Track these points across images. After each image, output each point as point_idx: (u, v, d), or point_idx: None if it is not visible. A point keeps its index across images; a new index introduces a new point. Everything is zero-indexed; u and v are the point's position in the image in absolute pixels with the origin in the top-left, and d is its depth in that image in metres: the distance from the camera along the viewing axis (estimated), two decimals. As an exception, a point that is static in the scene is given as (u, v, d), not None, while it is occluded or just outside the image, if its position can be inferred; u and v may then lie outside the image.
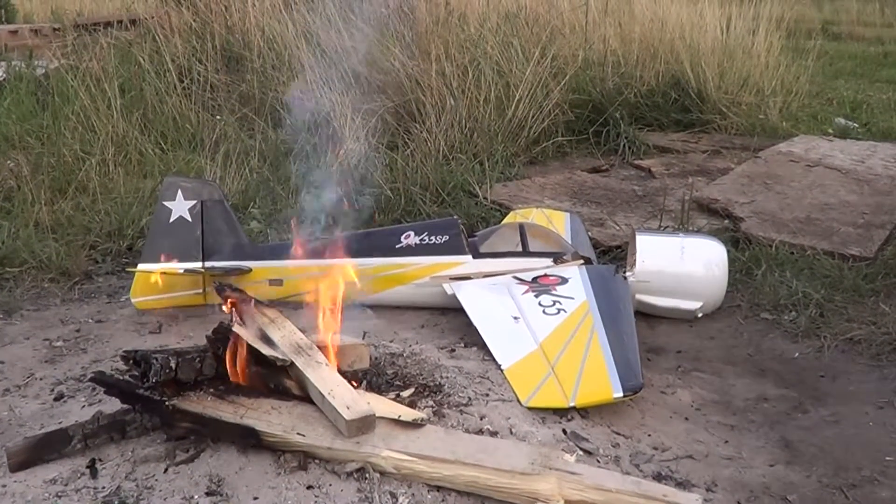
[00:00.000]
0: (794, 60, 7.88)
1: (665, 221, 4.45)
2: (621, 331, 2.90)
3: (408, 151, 5.11)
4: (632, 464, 2.41)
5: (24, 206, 4.25)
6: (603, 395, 2.62)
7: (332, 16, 6.28)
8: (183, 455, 2.27)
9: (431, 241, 3.45)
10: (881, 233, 4.24)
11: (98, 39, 6.43)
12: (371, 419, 2.25)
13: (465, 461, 2.17)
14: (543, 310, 3.07)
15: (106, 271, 3.91)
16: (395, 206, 4.56)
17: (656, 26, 7.56)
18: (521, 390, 2.67)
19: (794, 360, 3.18)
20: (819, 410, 2.82)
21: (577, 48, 7.03)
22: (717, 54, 7.25)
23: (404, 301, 3.46)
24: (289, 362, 2.43)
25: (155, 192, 4.21)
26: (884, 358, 3.15)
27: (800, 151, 5.96)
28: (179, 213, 3.34)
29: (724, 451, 2.54)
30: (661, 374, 3.04)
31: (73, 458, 2.28)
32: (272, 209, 4.46)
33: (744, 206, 4.65)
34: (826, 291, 3.58)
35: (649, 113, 6.94)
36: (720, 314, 3.54)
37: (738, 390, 2.95)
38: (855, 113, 7.75)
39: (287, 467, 2.20)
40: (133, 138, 5.13)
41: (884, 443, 2.62)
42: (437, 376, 2.73)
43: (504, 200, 4.75)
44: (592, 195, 5.10)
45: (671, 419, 2.71)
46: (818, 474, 2.44)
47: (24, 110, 5.41)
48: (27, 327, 3.33)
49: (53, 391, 2.74)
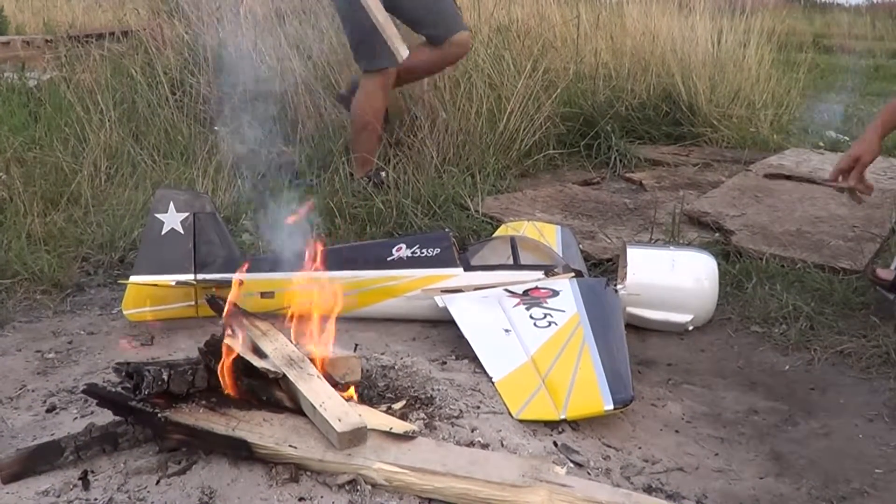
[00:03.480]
0: (786, 73, 7.91)
1: (656, 234, 4.47)
2: (612, 343, 2.91)
3: (399, 164, 5.11)
4: (622, 476, 2.42)
5: (16, 218, 4.24)
6: (594, 407, 2.62)
7: (324, 29, 6.30)
8: (175, 467, 2.26)
9: (423, 254, 3.46)
10: (871, 246, 4.25)
11: (90, 51, 6.45)
12: (363, 431, 2.25)
13: (456, 473, 2.17)
14: (534, 322, 3.07)
15: (98, 283, 3.90)
16: (387, 219, 4.57)
17: (648, 39, 7.58)
18: (512, 403, 2.67)
19: (785, 373, 3.19)
20: (809, 423, 2.83)
21: (569, 61, 7.05)
22: (708, 67, 7.27)
23: (396, 313, 3.46)
24: (281, 374, 2.43)
25: (147, 205, 4.21)
26: (874, 371, 3.16)
27: (790, 164, 5.99)
28: (171, 226, 3.34)
29: (715, 464, 2.55)
30: (652, 386, 3.05)
31: (66, 469, 2.27)
32: (264, 222, 4.47)
33: (734, 220, 4.67)
34: (816, 304, 3.59)
35: (640, 126, 6.95)
36: (711, 327, 3.55)
37: (728, 403, 2.96)
38: (846, 126, 7.77)
39: (279, 479, 2.20)
40: (126, 150, 5.14)
41: (874, 455, 2.63)
42: (428, 389, 2.73)
43: (495, 213, 4.76)
44: (583, 208, 5.11)
45: (662, 431, 2.72)
46: (808, 486, 2.45)
47: (17, 122, 5.41)
48: (19, 339, 3.33)
49: (45, 403, 2.74)
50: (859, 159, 3.35)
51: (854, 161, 3.36)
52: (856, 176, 3.38)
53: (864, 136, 3.43)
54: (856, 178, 3.38)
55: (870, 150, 3.35)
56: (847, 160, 3.39)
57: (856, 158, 3.36)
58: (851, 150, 3.40)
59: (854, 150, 3.38)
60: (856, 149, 3.38)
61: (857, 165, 3.37)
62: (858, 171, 3.37)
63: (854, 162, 3.36)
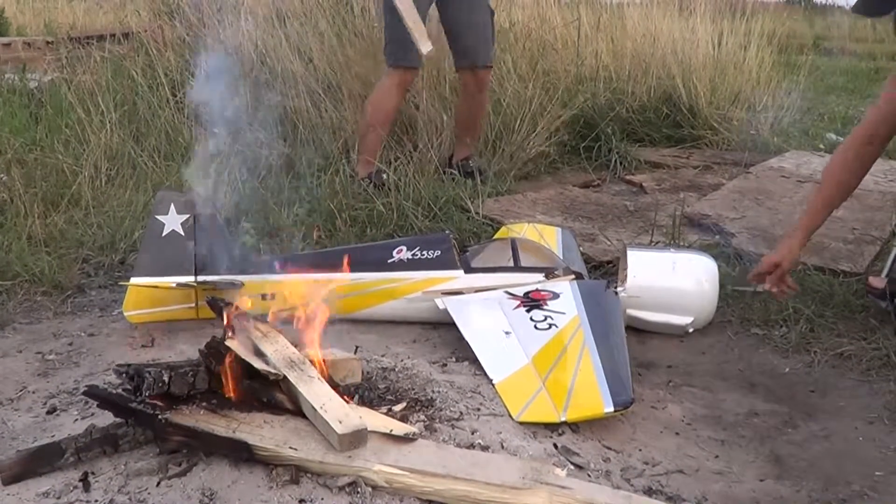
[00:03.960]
0: (786, 76, 7.91)
1: (656, 237, 4.46)
2: (612, 346, 2.91)
3: (400, 166, 5.11)
4: (623, 478, 2.42)
5: (16, 220, 4.25)
6: (594, 409, 2.62)
7: (324, 31, 6.30)
8: (175, 468, 2.26)
9: (423, 256, 3.46)
10: (872, 248, 4.25)
11: (91, 53, 6.45)
12: (363, 433, 2.25)
13: (457, 475, 2.17)
14: (535, 325, 3.07)
15: (98, 285, 3.90)
16: (388, 221, 4.57)
17: (648, 42, 7.58)
18: (513, 405, 2.67)
19: (785, 376, 3.19)
20: (809, 425, 2.83)
21: (569, 64, 7.05)
22: (708, 70, 7.27)
23: (396, 316, 3.46)
24: (281, 376, 2.44)
25: (148, 206, 4.21)
26: (874, 373, 3.16)
27: (791, 167, 5.99)
28: (172, 227, 3.34)
29: (715, 466, 2.55)
30: (652, 388, 3.05)
31: (66, 471, 2.28)
32: (265, 223, 4.46)
33: (735, 222, 4.67)
34: (816, 307, 3.58)
35: (641, 128, 6.95)
36: (711, 329, 3.55)
37: (728, 405, 2.96)
38: (846, 128, 7.75)
39: (279, 481, 2.20)
40: (126, 152, 5.14)
41: (874, 458, 2.63)
42: (428, 391, 2.73)
43: (496, 215, 4.76)
44: (584, 210, 5.11)
45: (662, 434, 2.72)
46: (808, 489, 2.45)
47: (18, 123, 5.41)
48: (20, 340, 3.33)
49: (46, 404, 2.74)
50: (779, 265, 3.36)
51: (774, 267, 3.37)
52: (774, 280, 3.39)
53: (786, 242, 3.44)
54: (773, 283, 3.40)
55: (790, 258, 3.37)
56: (768, 265, 3.39)
57: (776, 264, 3.37)
58: (773, 256, 3.40)
59: (775, 257, 3.39)
60: (777, 255, 3.38)
61: (776, 271, 3.38)
62: (777, 277, 3.38)
63: (774, 267, 3.37)
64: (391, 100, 5.20)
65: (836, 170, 3.47)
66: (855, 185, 3.46)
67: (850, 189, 3.46)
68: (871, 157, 3.40)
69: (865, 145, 3.39)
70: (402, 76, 5.16)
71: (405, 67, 5.12)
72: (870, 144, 3.38)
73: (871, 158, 3.41)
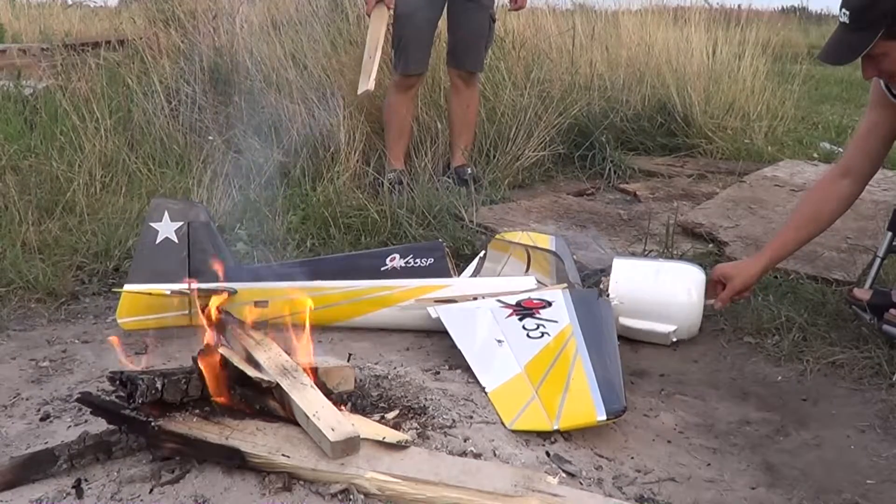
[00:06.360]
0: (780, 85, 7.92)
1: (650, 245, 4.47)
2: (605, 354, 2.92)
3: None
4: (614, 486, 2.43)
5: (11, 227, 4.24)
6: (586, 417, 2.63)
7: (319, 38, 6.31)
8: (168, 475, 2.27)
9: (416, 264, 3.47)
10: (865, 258, 4.26)
11: (86, 60, 6.45)
12: (356, 441, 2.26)
13: (449, 483, 2.18)
14: (527, 333, 3.08)
15: (93, 292, 3.90)
16: (382, 229, 4.58)
17: (643, 50, 7.61)
18: (506, 413, 2.68)
19: (777, 384, 3.20)
20: (801, 434, 2.84)
21: (564, 72, 7.07)
22: (703, 79, 7.28)
23: (389, 323, 3.47)
24: (274, 384, 2.44)
25: (142, 214, 4.21)
26: (865, 381, 3.17)
27: (785, 176, 6.00)
28: (166, 235, 3.34)
29: (707, 474, 2.56)
30: (645, 397, 3.06)
31: (59, 478, 2.28)
32: (258, 231, 4.47)
33: (728, 231, 4.68)
34: (809, 316, 3.58)
35: (635, 137, 6.96)
36: (703, 338, 3.55)
37: (720, 413, 2.96)
38: (840, 137, 7.77)
39: (272, 488, 2.20)
40: (121, 159, 5.14)
41: (865, 466, 2.64)
42: (421, 398, 2.74)
43: (490, 223, 4.77)
44: (578, 219, 5.12)
45: (654, 442, 2.73)
46: (800, 497, 2.46)
47: (12, 130, 5.41)
48: (13, 347, 3.33)
49: (40, 411, 2.75)
50: (731, 282, 3.41)
51: (726, 281, 3.42)
52: (724, 298, 3.44)
53: (749, 264, 3.48)
54: (723, 302, 3.47)
55: (744, 282, 3.42)
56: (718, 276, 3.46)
57: (728, 279, 3.42)
58: (731, 271, 3.45)
59: (731, 272, 3.44)
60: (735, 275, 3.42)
61: (727, 287, 3.41)
62: (728, 294, 3.42)
63: (725, 281, 3.42)
64: (394, 101, 5.45)
65: (811, 195, 3.52)
66: (827, 218, 3.44)
67: (822, 219, 3.44)
68: (847, 192, 3.39)
69: (839, 178, 3.39)
70: (405, 81, 5.38)
71: (407, 74, 5.34)
72: (843, 177, 3.38)
73: (849, 193, 3.39)
